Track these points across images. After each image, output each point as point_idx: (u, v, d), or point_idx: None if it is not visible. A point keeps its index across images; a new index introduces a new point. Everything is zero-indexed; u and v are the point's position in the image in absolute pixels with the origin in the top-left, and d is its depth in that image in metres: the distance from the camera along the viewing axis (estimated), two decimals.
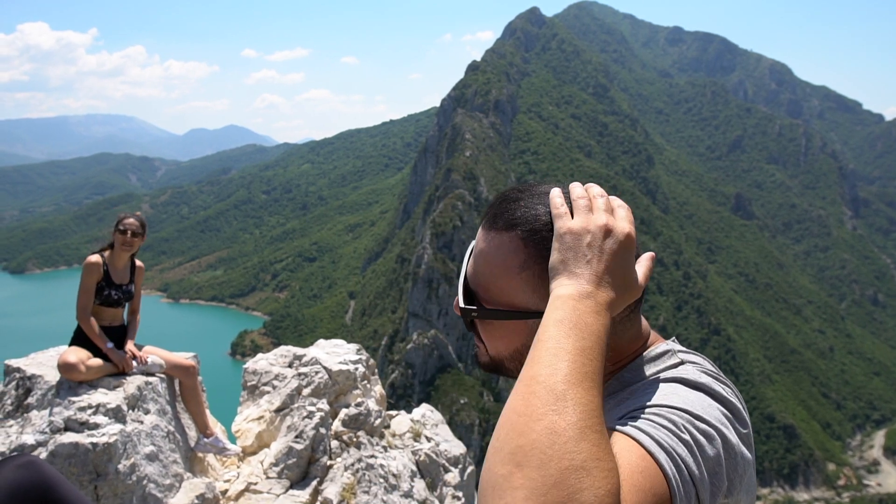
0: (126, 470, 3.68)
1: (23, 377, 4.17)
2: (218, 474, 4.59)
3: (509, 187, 1.17)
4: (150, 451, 3.92)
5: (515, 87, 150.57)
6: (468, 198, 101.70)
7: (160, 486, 3.91)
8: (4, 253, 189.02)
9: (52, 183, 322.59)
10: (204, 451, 4.54)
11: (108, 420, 3.77)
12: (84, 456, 3.57)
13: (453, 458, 5.32)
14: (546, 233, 1.08)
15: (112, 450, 3.63)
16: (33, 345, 21.46)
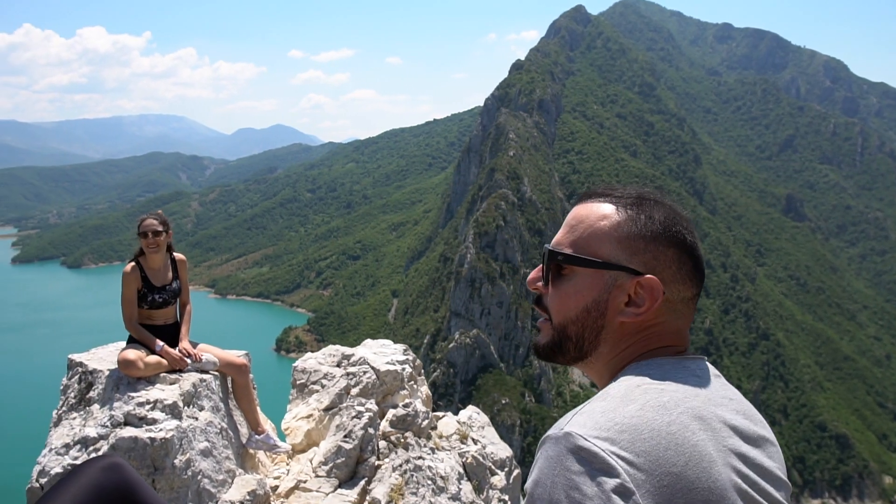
0: (182, 465, 3.78)
1: (85, 371, 4.31)
2: (268, 471, 4.68)
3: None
4: (204, 448, 4.01)
5: (560, 87, 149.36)
6: (511, 197, 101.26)
7: (214, 481, 4.00)
8: (63, 248, 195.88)
9: (106, 181, 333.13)
10: (255, 448, 4.63)
11: (165, 416, 3.88)
12: (143, 450, 3.68)
13: (500, 461, 5.32)
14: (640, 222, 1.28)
15: (169, 445, 3.74)
16: (90, 337, 22.40)
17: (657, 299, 1.22)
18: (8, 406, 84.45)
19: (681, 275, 1.25)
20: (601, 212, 1.30)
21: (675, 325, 1.28)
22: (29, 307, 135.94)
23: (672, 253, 1.25)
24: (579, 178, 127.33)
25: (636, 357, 1.26)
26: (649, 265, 1.24)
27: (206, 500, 3.91)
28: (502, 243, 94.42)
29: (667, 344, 1.27)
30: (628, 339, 1.27)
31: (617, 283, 1.24)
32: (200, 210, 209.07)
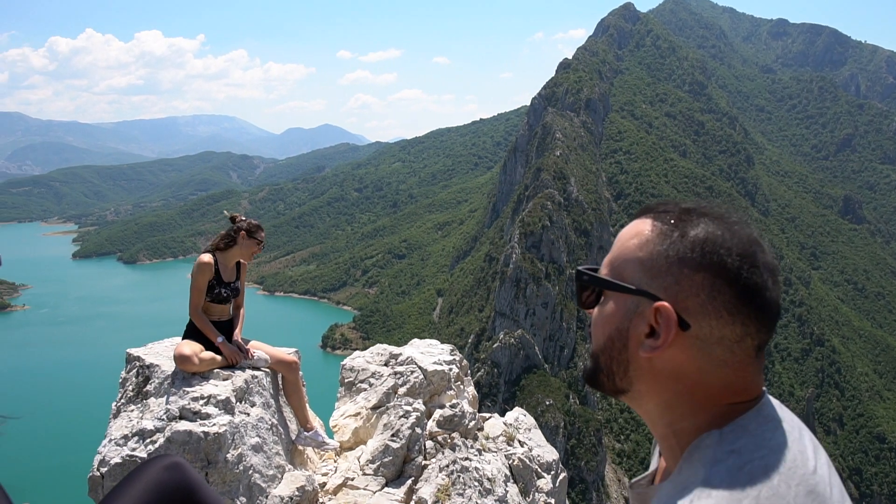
0: (234, 459, 3.87)
1: (142, 366, 4.44)
2: (316, 467, 4.75)
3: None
4: (255, 443, 4.10)
5: (608, 86, 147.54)
6: (558, 197, 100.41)
7: (264, 476, 4.08)
8: (119, 244, 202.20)
9: (161, 179, 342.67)
10: (304, 445, 4.71)
11: (219, 411, 3.97)
12: (197, 444, 3.78)
13: (546, 464, 5.28)
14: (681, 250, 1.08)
15: (222, 440, 3.83)
16: (143, 330, 23.13)
17: (671, 331, 1.05)
18: (68, 393, 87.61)
19: (713, 306, 1.04)
20: (636, 229, 1.14)
21: (722, 376, 1.07)
22: (87, 301, 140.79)
23: (700, 278, 1.05)
24: (627, 178, 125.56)
25: (702, 418, 1.09)
26: (669, 290, 1.07)
27: (256, 495, 3.99)
28: (548, 243, 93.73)
29: (732, 401, 1.08)
30: (668, 387, 1.10)
31: (638, 311, 1.10)
32: (250, 208, 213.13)
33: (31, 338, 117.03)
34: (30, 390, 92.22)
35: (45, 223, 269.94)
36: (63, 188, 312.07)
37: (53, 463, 66.12)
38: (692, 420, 1.09)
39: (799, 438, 1.06)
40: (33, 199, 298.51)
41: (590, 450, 73.61)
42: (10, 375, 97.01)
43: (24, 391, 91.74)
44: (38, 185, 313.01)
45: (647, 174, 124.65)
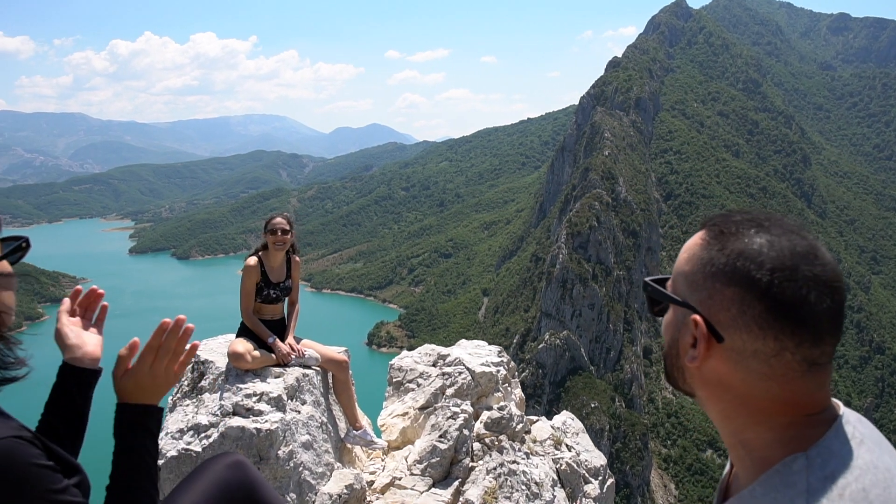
0: (285, 456, 3.94)
1: (197, 361, 4.55)
2: (364, 466, 4.79)
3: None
4: (305, 440, 4.16)
5: (658, 84, 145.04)
6: (606, 198, 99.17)
7: (314, 473, 4.14)
8: (173, 241, 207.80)
9: (213, 177, 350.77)
10: (353, 443, 4.76)
11: (271, 408, 4.04)
12: (249, 440, 3.86)
13: (594, 470, 5.22)
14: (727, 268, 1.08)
15: (273, 436, 3.90)
16: (199, 325, 23.30)
17: (704, 343, 1.08)
18: None
19: (743, 321, 1.04)
20: (689, 242, 1.17)
21: (766, 389, 1.07)
22: (142, 295, 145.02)
23: (731, 293, 1.06)
24: (677, 178, 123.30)
25: (767, 432, 1.08)
26: (704, 304, 1.10)
27: (306, 492, 4.05)
28: (595, 244, 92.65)
29: (792, 415, 1.07)
30: (721, 396, 1.11)
31: (685, 321, 1.13)
32: (299, 206, 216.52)
33: None
34: None
35: (104, 219, 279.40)
36: (121, 186, 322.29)
37: (108, 453, 68.26)
38: (756, 431, 1.09)
39: (886, 453, 1.05)
40: (94, 196, 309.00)
41: (635, 454, 72.55)
42: None
43: None
44: (98, 183, 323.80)
45: (698, 174, 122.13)
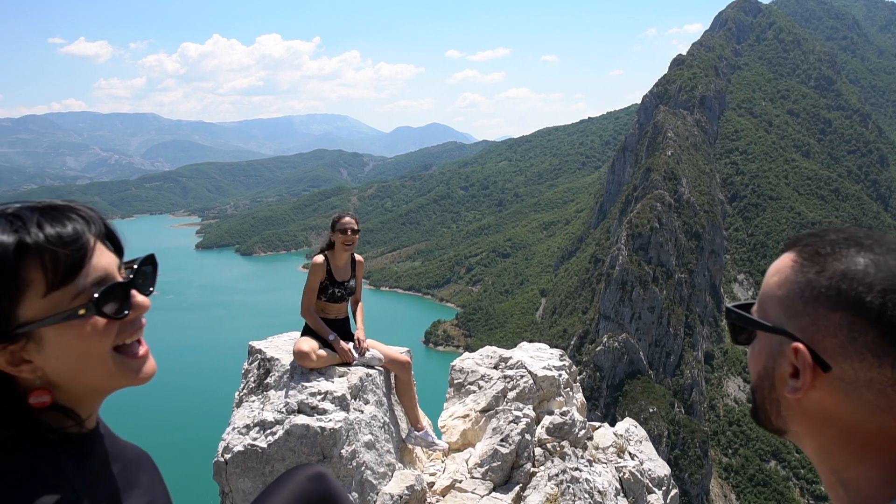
0: (348, 455, 3.98)
1: (263, 359, 4.65)
2: (424, 467, 4.81)
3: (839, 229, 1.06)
4: (368, 440, 4.20)
5: (724, 82, 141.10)
6: (668, 199, 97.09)
7: (375, 473, 4.18)
8: (237, 237, 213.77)
9: (276, 176, 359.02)
10: (414, 444, 4.78)
11: (335, 407, 4.10)
12: (313, 438, 3.92)
13: (657, 479, 5.10)
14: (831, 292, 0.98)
15: (337, 435, 3.95)
16: (257, 319, 24.09)
17: (808, 373, 0.98)
18: (189, 374, 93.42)
19: (854, 348, 0.95)
20: (778, 265, 1.07)
21: (878, 422, 0.97)
22: (208, 289, 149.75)
23: (838, 317, 0.96)
24: (743, 179, 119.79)
25: (872, 470, 0.98)
26: (806, 331, 0.99)
27: (367, 491, 4.09)
28: (656, 246, 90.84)
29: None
30: (823, 430, 1.01)
31: (782, 350, 1.03)
32: (359, 204, 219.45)
33: (159, 321, 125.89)
34: (160, 368, 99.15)
35: (172, 215, 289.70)
36: (189, 183, 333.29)
37: (177, 437, 70.66)
38: (860, 469, 1.00)
39: None
40: (163, 193, 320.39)
41: (694, 462, 70.92)
42: None
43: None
44: (168, 181, 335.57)
45: (766, 175, 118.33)
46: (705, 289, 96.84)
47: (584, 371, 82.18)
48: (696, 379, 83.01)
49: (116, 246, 1.35)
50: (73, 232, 1.21)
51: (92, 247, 1.23)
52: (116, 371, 1.29)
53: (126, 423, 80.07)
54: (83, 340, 1.22)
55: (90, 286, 1.21)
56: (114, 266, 1.29)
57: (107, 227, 1.32)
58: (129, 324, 1.31)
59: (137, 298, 1.32)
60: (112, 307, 1.24)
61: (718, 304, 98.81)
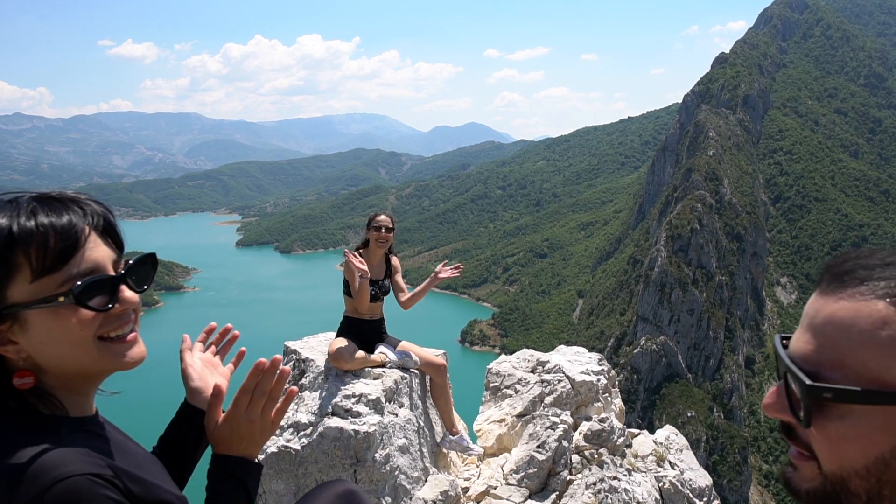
0: (381, 459, 3.94)
1: (299, 359, 4.64)
2: (458, 472, 4.74)
3: (857, 251, 0.89)
4: (402, 444, 4.15)
5: (768, 81, 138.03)
6: (709, 200, 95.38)
7: (409, 478, 4.12)
8: (277, 235, 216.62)
9: (315, 174, 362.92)
10: (448, 448, 4.71)
11: (369, 410, 4.06)
12: (347, 441, 3.88)
13: (698, 490, 4.94)
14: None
15: (371, 439, 3.91)
16: (295, 316, 24.24)
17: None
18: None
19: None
20: (865, 321, 0.82)
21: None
22: (247, 286, 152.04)
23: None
24: (787, 180, 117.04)
25: None
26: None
27: (401, 496, 4.04)
28: (696, 248, 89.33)
29: None
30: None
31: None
32: (397, 203, 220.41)
33: (199, 317, 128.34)
34: None
35: (214, 213, 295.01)
36: (230, 182, 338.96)
37: None
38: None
39: None
40: (205, 191, 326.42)
41: (733, 468, 69.55)
42: None
43: None
44: (210, 179, 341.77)
45: (811, 176, 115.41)
46: (747, 292, 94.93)
47: (621, 373, 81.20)
48: (736, 383, 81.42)
49: (117, 242, 1.37)
50: (67, 222, 1.23)
51: (85, 238, 1.26)
52: (100, 357, 1.30)
53: (162, 421, 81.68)
54: (64, 327, 1.24)
55: (77, 276, 1.23)
56: (107, 260, 1.31)
57: (107, 221, 1.34)
58: (116, 317, 1.32)
59: (125, 294, 1.32)
60: (96, 299, 1.26)
61: (760, 307, 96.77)
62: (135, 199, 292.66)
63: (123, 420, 8.78)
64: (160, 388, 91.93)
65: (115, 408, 19.34)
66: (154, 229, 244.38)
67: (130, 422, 26.70)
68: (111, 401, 1.32)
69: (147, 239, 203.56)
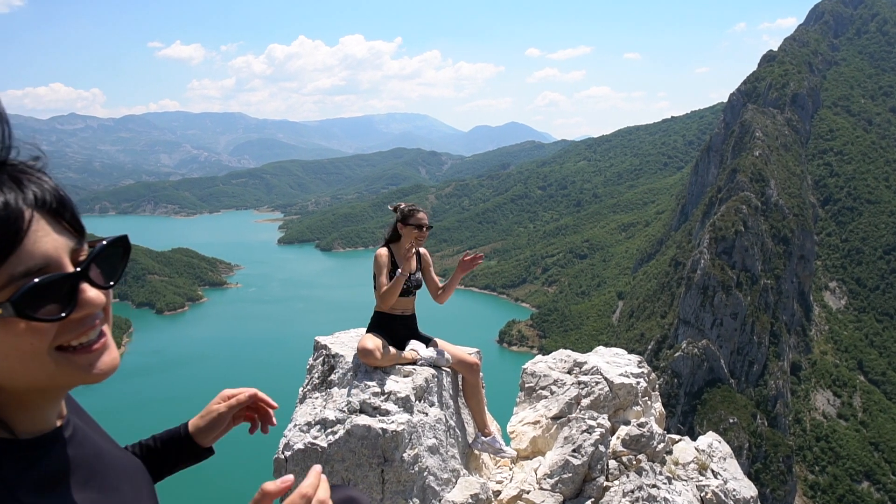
0: (410, 459, 3.81)
1: (328, 355, 4.54)
2: (490, 474, 4.59)
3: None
4: (432, 444, 4.01)
5: (819, 79, 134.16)
6: (754, 201, 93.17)
7: (439, 479, 3.98)
8: (318, 233, 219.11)
9: (356, 173, 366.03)
10: (480, 450, 4.56)
11: (398, 408, 3.93)
12: (374, 440, 3.76)
13: (742, 501, 4.69)
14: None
15: (399, 438, 3.78)
16: (334, 314, 24.39)
17: None
18: (267, 366, 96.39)
19: None
20: None
21: None
22: (288, 283, 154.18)
23: None
24: (837, 181, 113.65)
25: None
26: None
27: (429, 498, 3.90)
28: (741, 250, 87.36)
29: None
30: None
31: None
32: (436, 203, 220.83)
33: (242, 312, 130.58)
34: (239, 359, 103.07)
35: (257, 211, 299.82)
36: (273, 180, 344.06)
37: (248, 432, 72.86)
38: None
39: None
40: (248, 189, 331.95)
41: (777, 477, 67.79)
42: (226, 344, 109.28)
43: (235, 359, 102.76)
44: (253, 178, 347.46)
45: (864, 177, 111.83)
46: (793, 296, 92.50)
47: (661, 377, 79.91)
48: (780, 390, 79.38)
49: (75, 225, 1.06)
50: (3, 206, 0.95)
51: (27, 225, 0.96)
52: (58, 371, 1.04)
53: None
54: (9, 340, 0.98)
55: (20, 276, 0.96)
56: (62, 250, 1.02)
57: (59, 199, 1.03)
58: (76, 323, 1.04)
59: (87, 294, 1.04)
60: (47, 307, 0.98)
61: (807, 312, 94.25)
62: (181, 196, 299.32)
63: (156, 413, 8.88)
64: (197, 383, 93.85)
65: (145, 402, 19.59)
66: (199, 226, 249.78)
67: (162, 416, 27.19)
68: (148, 394, 1.24)
69: (192, 235, 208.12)
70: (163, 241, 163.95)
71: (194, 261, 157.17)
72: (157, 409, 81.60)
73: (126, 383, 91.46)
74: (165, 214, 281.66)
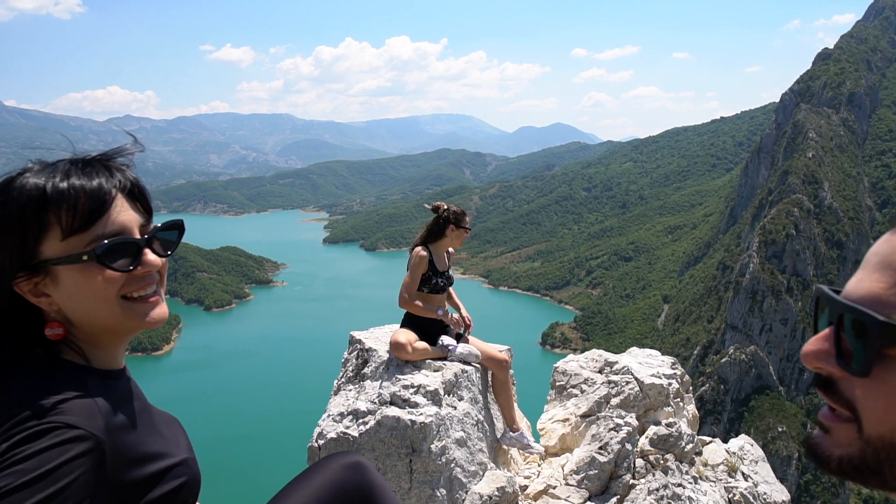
0: (437, 451, 3.91)
1: (362, 349, 4.69)
2: (518, 469, 4.66)
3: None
4: (459, 437, 4.11)
5: (878, 77, 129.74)
6: (807, 204, 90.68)
7: (466, 471, 4.08)
8: (363, 233, 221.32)
9: (401, 174, 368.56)
10: (509, 445, 4.64)
11: (427, 401, 4.04)
12: (403, 431, 3.89)
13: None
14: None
15: (427, 430, 3.89)
16: (377, 313, 24.77)
17: None
18: (310, 362, 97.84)
19: None
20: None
21: None
22: (333, 282, 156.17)
23: None
24: (895, 183, 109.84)
25: None
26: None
27: (456, 489, 4.00)
28: (792, 254, 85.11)
29: None
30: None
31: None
32: (480, 204, 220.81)
33: (288, 311, 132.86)
34: (283, 356, 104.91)
35: (303, 211, 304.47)
36: (319, 180, 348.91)
37: (293, 420, 74.21)
38: None
39: None
40: (295, 189, 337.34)
41: (828, 489, 65.76)
42: (271, 341, 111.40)
43: (279, 356, 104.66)
44: (300, 178, 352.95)
45: None
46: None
47: (707, 383, 78.41)
48: None
49: (146, 207, 1.46)
50: (97, 186, 1.34)
51: (112, 201, 1.36)
52: (123, 314, 1.39)
53: (245, 402, 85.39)
54: (90, 284, 1.34)
55: (103, 237, 1.33)
56: (134, 223, 1.40)
57: (137, 186, 1.43)
58: (139, 278, 1.40)
59: (148, 257, 1.40)
60: (120, 261, 1.35)
61: None
62: (230, 195, 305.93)
63: (203, 407, 9.18)
64: (242, 380, 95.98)
65: (194, 396, 20.10)
66: (247, 225, 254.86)
67: (209, 410, 27.72)
68: (196, 388, 1.35)
69: (240, 234, 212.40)
70: (212, 240, 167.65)
71: (242, 259, 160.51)
72: (204, 403, 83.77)
73: (175, 377, 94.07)
74: (214, 213, 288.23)
